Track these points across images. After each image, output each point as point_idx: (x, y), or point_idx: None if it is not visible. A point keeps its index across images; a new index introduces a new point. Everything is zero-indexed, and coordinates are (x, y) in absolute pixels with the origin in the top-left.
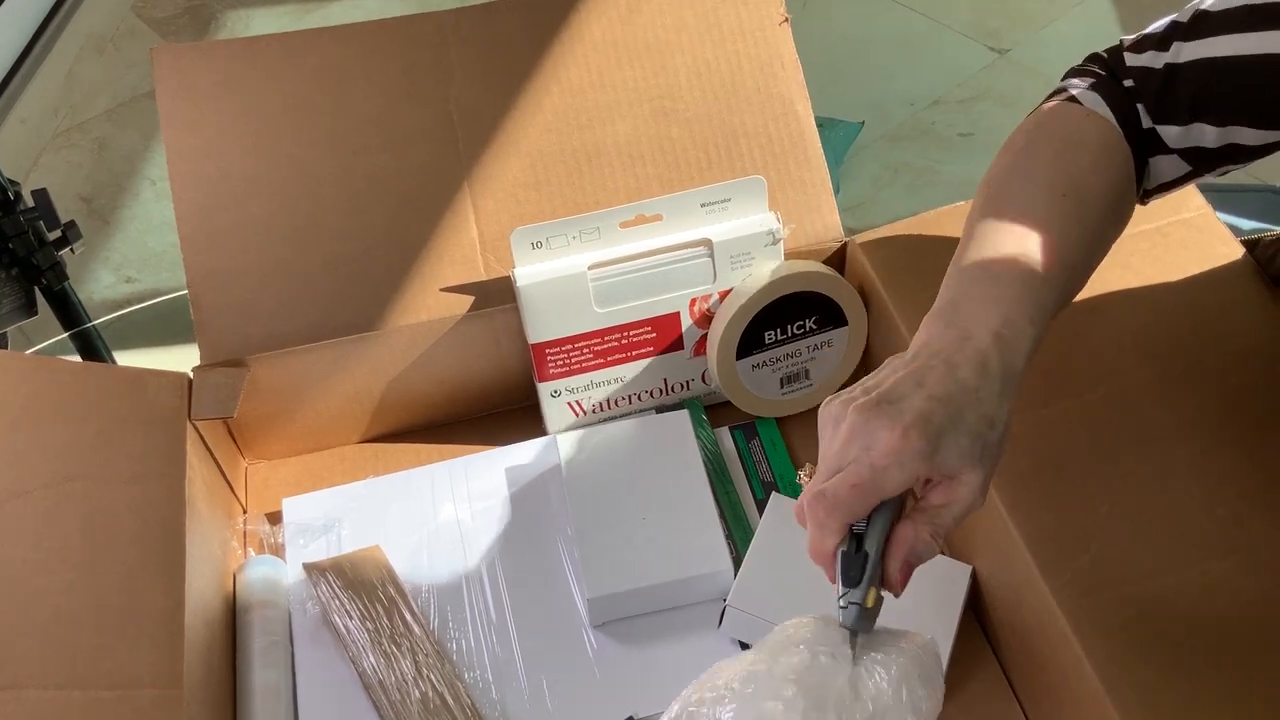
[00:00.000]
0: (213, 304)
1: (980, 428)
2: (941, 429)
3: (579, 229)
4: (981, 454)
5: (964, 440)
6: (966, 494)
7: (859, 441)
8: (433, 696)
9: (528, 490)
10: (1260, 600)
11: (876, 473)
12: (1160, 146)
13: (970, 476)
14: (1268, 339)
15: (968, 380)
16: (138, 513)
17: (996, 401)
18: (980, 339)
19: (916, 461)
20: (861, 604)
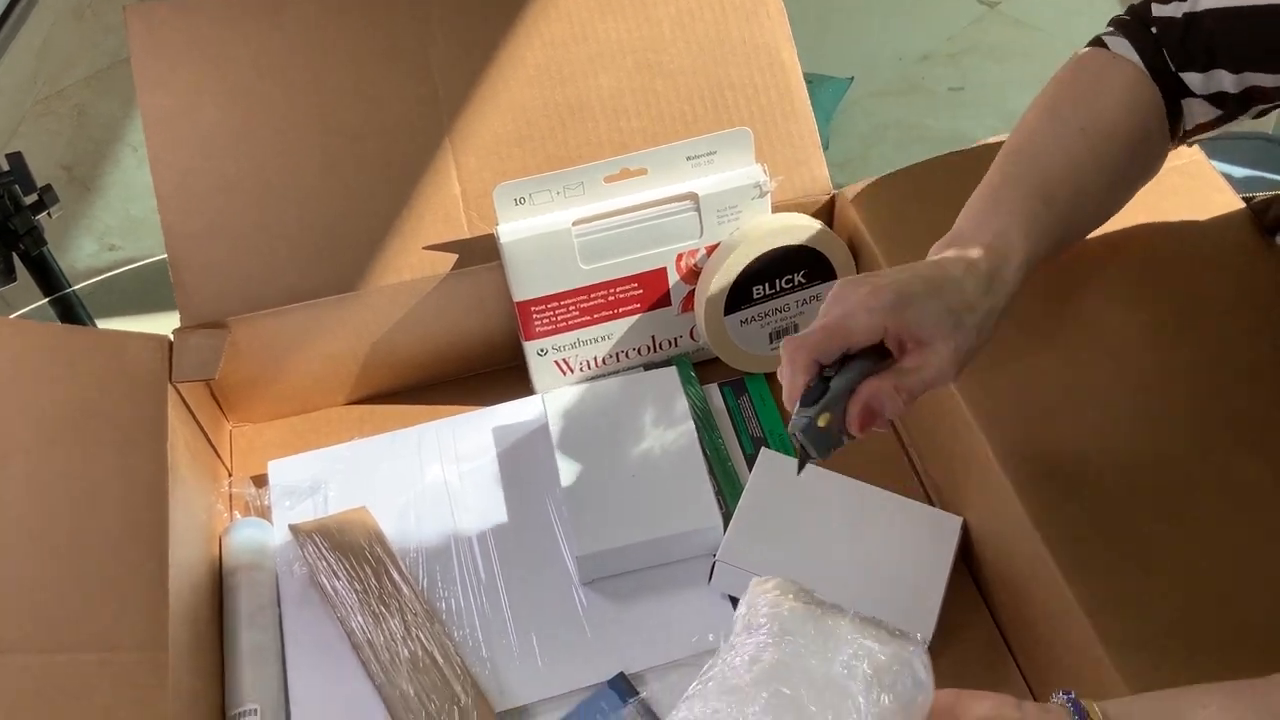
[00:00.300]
0: (192, 266)
1: (956, 305)
2: (915, 294)
3: (563, 184)
4: (955, 327)
5: (936, 307)
6: (936, 361)
7: (838, 300)
8: (422, 655)
9: (515, 449)
10: (1253, 543)
11: (844, 317)
12: (1188, 91)
13: (941, 346)
14: (1260, 286)
15: (952, 270)
16: (120, 476)
17: (978, 293)
18: (972, 248)
19: (883, 312)
20: (812, 419)
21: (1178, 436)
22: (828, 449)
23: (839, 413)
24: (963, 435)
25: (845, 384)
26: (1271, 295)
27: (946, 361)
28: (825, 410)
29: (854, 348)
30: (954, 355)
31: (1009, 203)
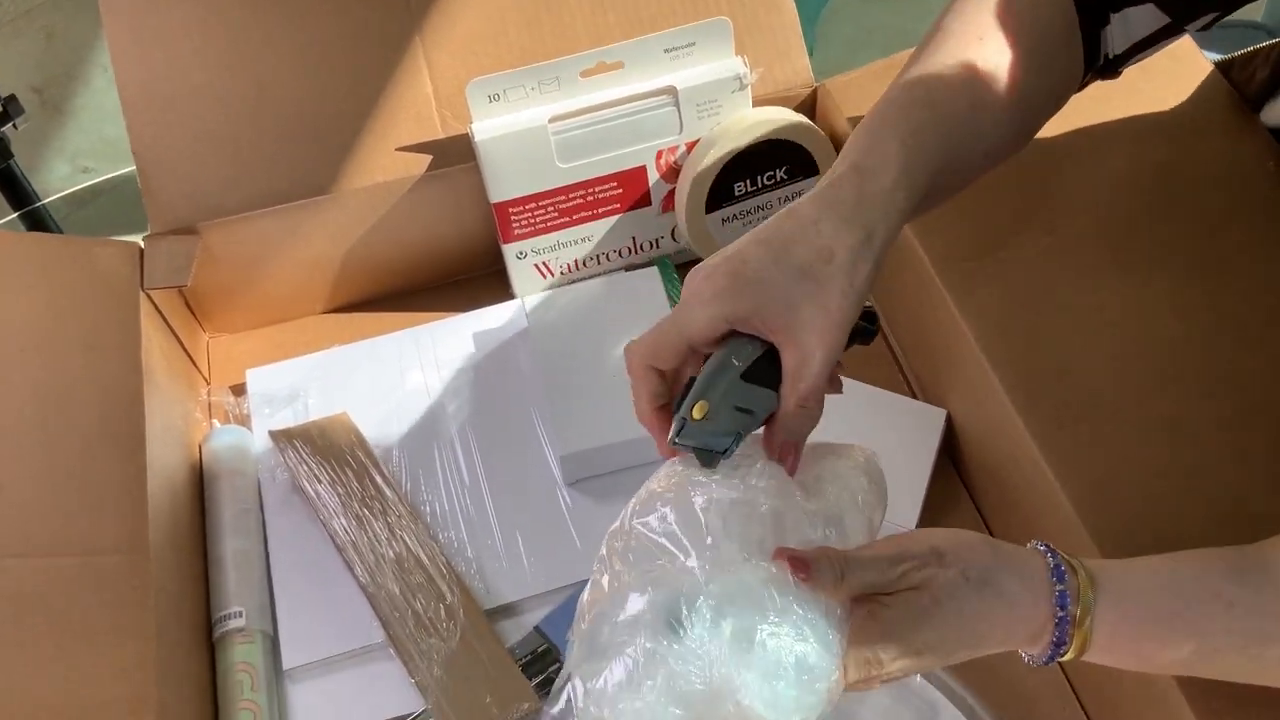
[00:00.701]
0: (161, 172)
1: (811, 261)
2: (753, 269)
3: (537, 79)
4: (817, 289)
5: (786, 276)
6: (811, 346)
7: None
8: (407, 556)
9: (496, 354)
10: (1236, 425)
11: (677, 314)
12: None
13: (804, 333)
14: (1247, 166)
15: (805, 213)
16: (93, 382)
17: (838, 231)
18: (836, 171)
19: (719, 300)
20: (686, 417)
21: (1165, 323)
22: (735, 431)
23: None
24: (947, 328)
25: (707, 374)
26: (1257, 173)
27: (825, 333)
28: (696, 400)
29: (698, 346)
30: (828, 319)
31: (887, 114)
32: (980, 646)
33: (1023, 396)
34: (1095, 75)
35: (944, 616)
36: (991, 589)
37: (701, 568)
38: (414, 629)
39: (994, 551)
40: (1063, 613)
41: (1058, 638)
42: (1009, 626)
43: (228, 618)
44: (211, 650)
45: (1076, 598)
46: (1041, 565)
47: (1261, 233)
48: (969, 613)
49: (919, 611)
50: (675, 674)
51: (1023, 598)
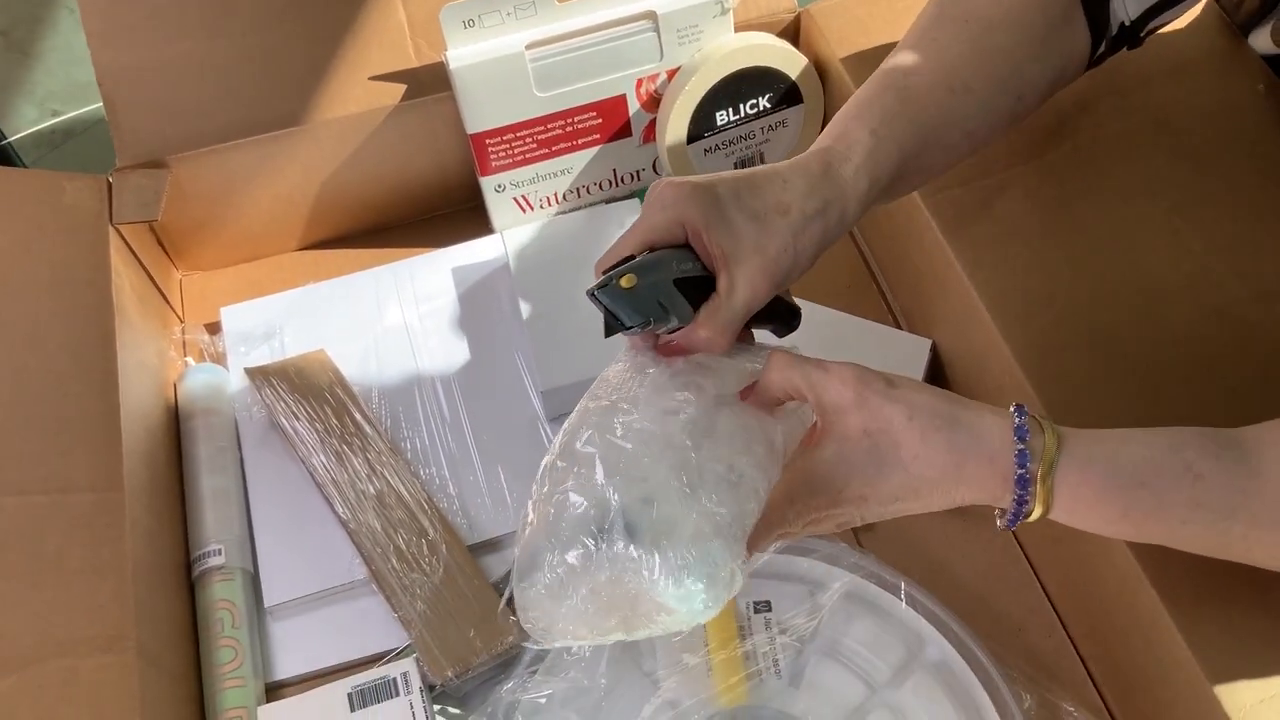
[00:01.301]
0: (127, 102)
1: (767, 209)
2: (720, 192)
3: (514, 4)
4: (762, 231)
5: (741, 213)
6: (743, 280)
7: (646, 201)
8: (388, 492)
9: (476, 289)
10: (1229, 351)
11: (639, 218)
12: None
13: (747, 259)
14: (1235, 92)
15: (778, 170)
16: (63, 319)
17: (801, 194)
18: (808, 152)
19: (680, 205)
20: (613, 278)
21: (1154, 250)
22: (646, 316)
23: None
24: (932, 255)
25: (662, 256)
26: (1246, 97)
27: (756, 274)
28: (629, 273)
29: (656, 247)
30: (764, 264)
31: (862, 100)
32: (921, 497)
33: (1008, 324)
34: (1113, 46)
35: (881, 458)
36: (941, 436)
37: (612, 483)
38: (396, 564)
39: (953, 403)
40: (1022, 470)
41: (1019, 496)
42: (956, 482)
43: (207, 555)
44: (191, 589)
45: (1039, 456)
46: (1006, 424)
47: (1250, 158)
48: (908, 456)
49: (853, 452)
50: (597, 582)
51: (976, 451)
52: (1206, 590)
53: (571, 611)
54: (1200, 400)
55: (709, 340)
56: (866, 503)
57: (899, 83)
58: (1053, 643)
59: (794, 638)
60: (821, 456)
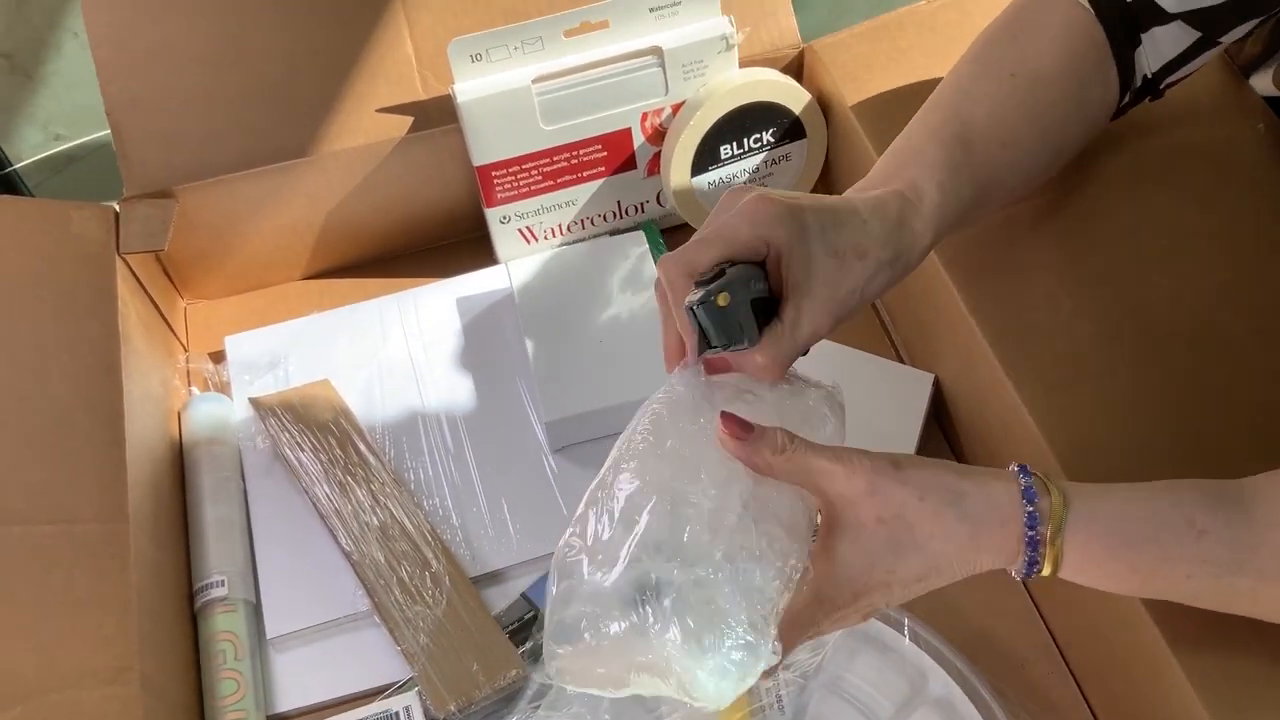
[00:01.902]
0: (135, 133)
1: (847, 248)
2: (807, 219)
3: (520, 38)
4: (839, 269)
5: (823, 247)
6: (809, 314)
7: (722, 208)
8: (391, 524)
9: (481, 320)
10: (1226, 389)
11: (725, 226)
12: (1158, 15)
13: (818, 292)
14: (1236, 131)
15: (859, 210)
16: (70, 348)
17: (879, 241)
18: (884, 194)
19: (768, 224)
20: (711, 296)
21: (1154, 285)
22: (729, 338)
23: (742, 302)
24: (935, 290)
25: (743, 273)
26: (1246, 135)
27: (823, 313)
28: (725, 290)
29: (734, 259)
30: (833, 304)
31: (926, 150)
32: (943, 573)
33: (1011, 359)
34: (1136, 97)
35: (897, 543)
36: (953, 511)
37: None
38: (399, 596)
39: (959, 474)
40: (1032, 533)
41: (1030, 558)
42: (974, 551)
43: (210, 586)
44: (194, 620)
45: (1047, 518)
46: (1013, 487)
47: (1251, 196)
48: (923, 536)
49: (870, 542)
50: (634, 652)
51: (988, 519)
52: (1210, 629)
53: (600, 675)
54: (1204, 437)
55: (765, 368)
56: (890, 589)
57: (960, 136)
58: (1056, 679)
59: (797, 674)
60: (839, 553)
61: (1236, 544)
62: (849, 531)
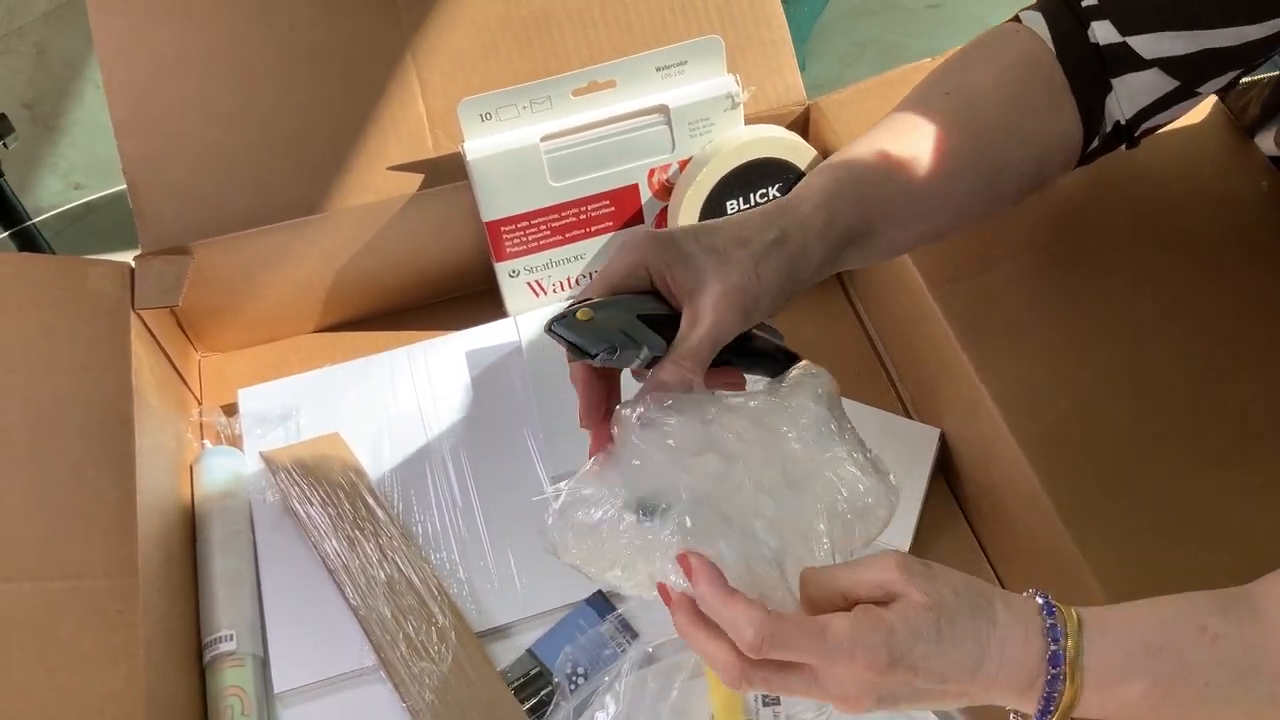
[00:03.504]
0: (151, 191)
1: (726, 244)
2: (679, 238)
3: (529, 98)
4: (721, 263)
5: (700, 249)
6: (708, 309)
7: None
8: (398, 578)
9: (489, 373)
10: (1229, 447)
11: (611, 261)
12: (1132, 61)
13: (710, 288)
14: (1239, 188)
15: (736, 215)
16: (83, 404)
17: (757, 227)
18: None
19: (639, 251)
20: (571, 314)
21: (1158, 343)
22: (612, 344)
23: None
24: (939, 346)
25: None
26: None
27: (720, 304)
28: (584, 308)
29: (621, 291)
30: (726, 294)
31: (830, 159)
32: (965, 679)
33: (1014, 415)
34: (1107, 142)
35: (938, 630)
36: (984, 613)
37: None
38: (406, 652)
39: (983, 585)
40: (1055, 647)
41: (1052, 675)
42: (999, 657)
43: (218, 640)
44: (202, 674)
45: (1066, 632)
46: (1032, 602)
47: (1254, 253)
48: (960, 633)
49: (918, 618)
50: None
51: (1014, 630)
52: None
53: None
54: (1207, 494)
55: (679, 370)
56: (915, 676)
57: (872, 143)
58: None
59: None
60: (890, 615)
61: (1251, 646)
62: (900, 603)
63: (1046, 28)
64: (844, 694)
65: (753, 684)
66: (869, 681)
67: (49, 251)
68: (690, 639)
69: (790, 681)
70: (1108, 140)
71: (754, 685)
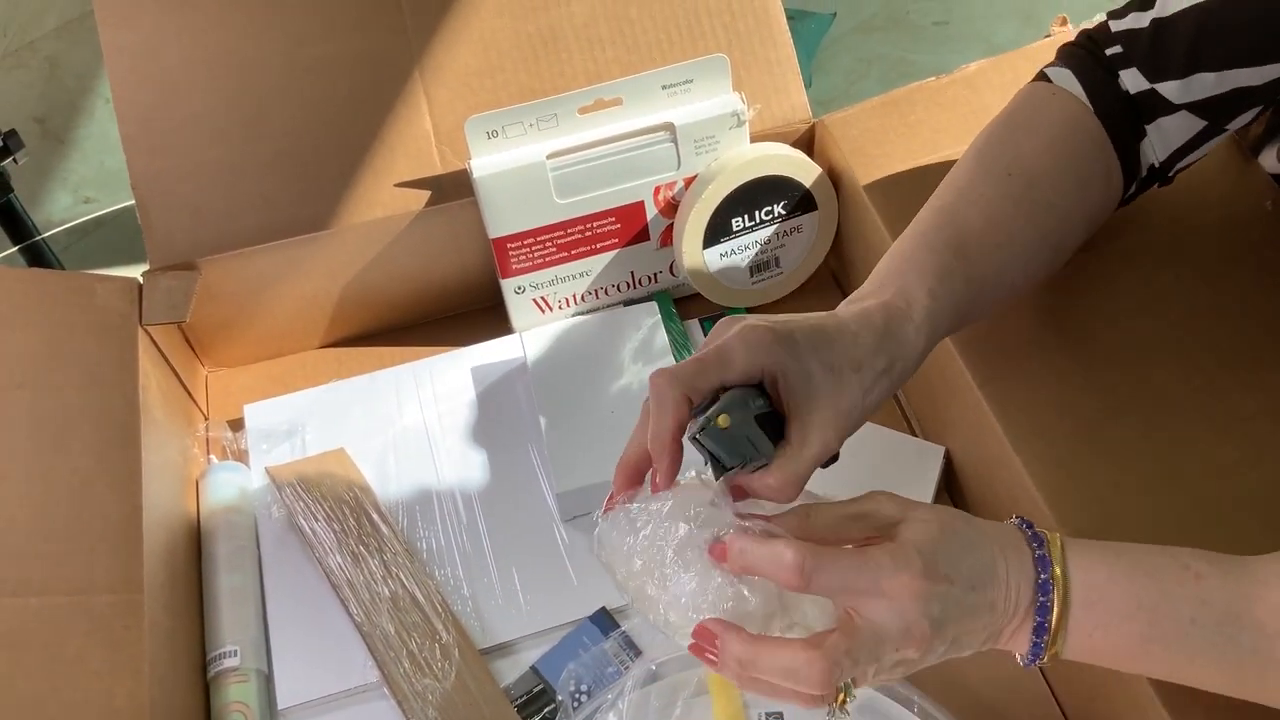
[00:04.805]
0: (159, 207)
1: (842, 363)
2: (798, 340)
3: (536, 116)
4: (838, 385)
5: (817, 361)
6: (818, 431)
7: (716, 334)
8: (402, 594)
9: (495, 389)
10: (1237, 468)
11: (721, 350)
12: (1162, 106)
13: (821, 408)
14: (1243, 208)
15: (848, 323)
16: (90, 419)
17: (870, 351)
18: (870, 302)
19: (763, 350)
20: (711, 419)
21: (1162, 363)
22: (743, 457)
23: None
24: (944, 365)
25: (739, 395)
26: (1254, 212)
27: (829, 428)
28: (724, 413)
29: (729, 384)
30: (836, 418)
31: (917, 257)
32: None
33: (1019, 435)
34: (1143, 185)
35: (959, 535)
36: (975, 525)
37: None
38: (409, 669)
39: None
40: (1044, 575)
41: (1042, 602)
42: (1006, 563)
43: (222, 656)
44: (206, 689)
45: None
46: (1019, 532)
47: (1258, 272)
48: (967, 538)
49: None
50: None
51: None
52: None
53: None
54: (1212, 514)
55: (779, 489)
56: (954, 582)
57: (953, 241)
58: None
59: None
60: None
61: (1234, 594)
62: (915, 524)
63: (1080, 85)
64: (901, 615)
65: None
66: (918, 592)
67: (58, 266)
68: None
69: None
70: (1144, 183)
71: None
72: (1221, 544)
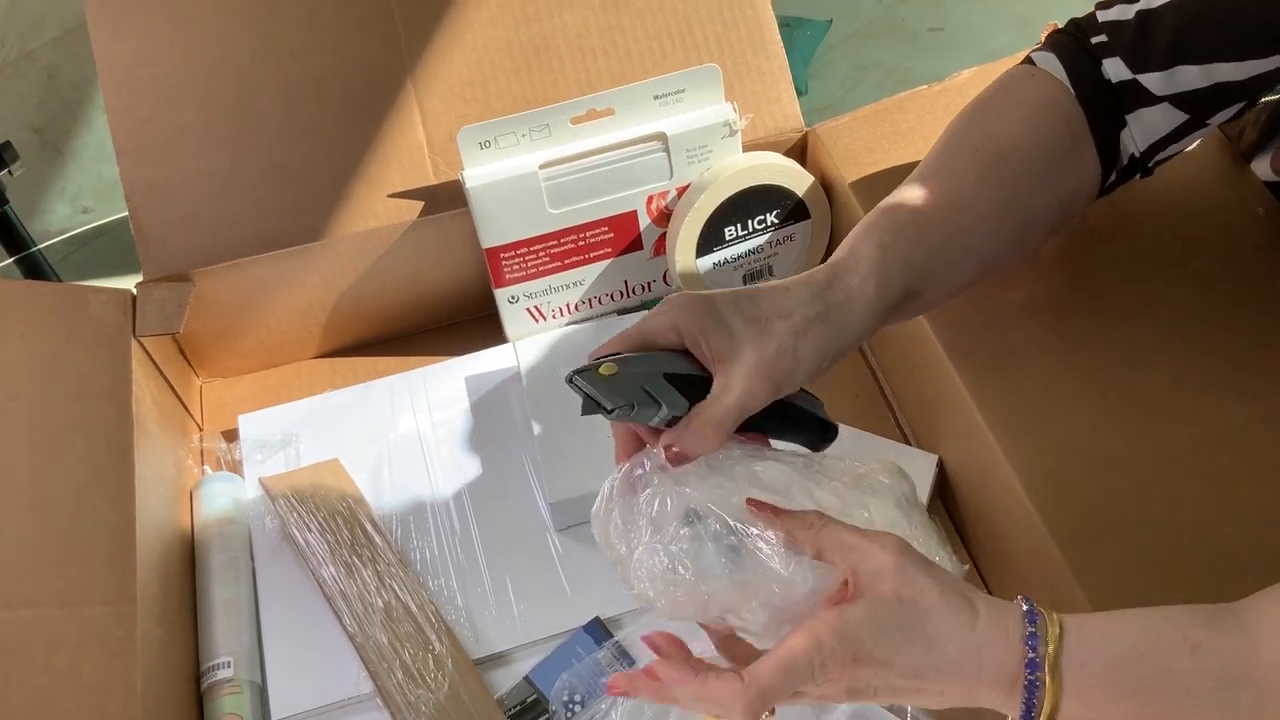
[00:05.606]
0: (153, 218)
1: (768, 315)
2: (718, 301)
3: (528, 126)
4: (760, 334)
5: (740, 318)
6: (738, 378)
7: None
8: (395, 605)
9: (488, 398)
10: (1228, 477)
11: (642, 320)
12: (1144, 97)
13: (744, 356)
14: (1236, 215)
15: (784, 282)
16: (83, 431)
17: (802, 301)
18: (817, 267)
19: (678, 311)
20: (592, 368)
21: (1155, 371)
22: (632, 402)
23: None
24: (936, 373)
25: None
26: (1246, 219)
27: (752, 374)
28: (610, 363)
29: (652, 348)
30: (760, 364)
31: (871, 219)
32: (940, 681)
33: (1011, 444)
34: (1123, 175)
35: (909, 626)
36: (967, 618)
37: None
38: (402, 680)
39: (975, 592)
40: (1034, 654)
41: (1030, 681)
42: (977, 671)
43: (216, 668)
44: (200, 701)
45: (1046, 639)
46: (1015, 609)
47: (1251, 280)
48: (934, 632)
49: (885, 613)
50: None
51: (995, 634)
52: None
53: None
54: (1203, 521)
55: (701, 435)
56: (889, 670)
57: (908, 203)
58: None
59: None
60: (852, 612)
61: (1234, 657)
62: (867, 599)
63: (1062, 68)
64: (819, 690)
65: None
66: (839, 679)
67: (55, 278)
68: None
69: None
70: (1124, 173)
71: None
72: (1213, 552)
